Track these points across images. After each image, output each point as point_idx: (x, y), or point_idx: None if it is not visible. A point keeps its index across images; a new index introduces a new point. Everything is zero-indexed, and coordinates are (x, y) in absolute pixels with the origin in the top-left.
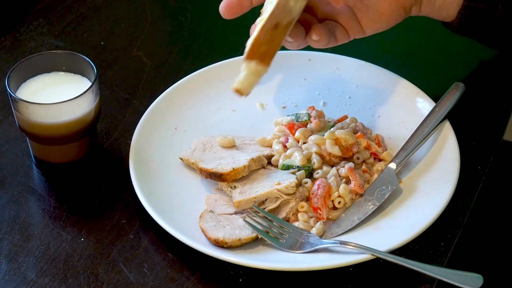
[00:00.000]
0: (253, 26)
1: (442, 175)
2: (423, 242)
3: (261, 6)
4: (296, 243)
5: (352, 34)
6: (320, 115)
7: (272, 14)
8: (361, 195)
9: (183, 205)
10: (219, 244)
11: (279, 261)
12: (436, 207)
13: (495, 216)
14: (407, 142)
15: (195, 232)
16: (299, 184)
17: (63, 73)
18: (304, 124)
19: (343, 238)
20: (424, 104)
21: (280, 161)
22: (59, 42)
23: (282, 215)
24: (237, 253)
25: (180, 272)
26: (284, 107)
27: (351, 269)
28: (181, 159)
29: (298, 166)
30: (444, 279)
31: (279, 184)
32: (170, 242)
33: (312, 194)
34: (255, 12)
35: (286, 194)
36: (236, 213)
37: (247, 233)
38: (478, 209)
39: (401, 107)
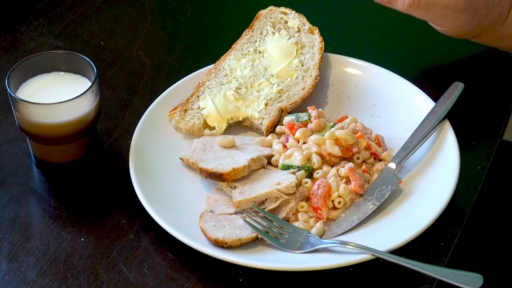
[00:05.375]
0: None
1: (442, 175)
2: (423, 242)
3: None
4: (296, 243)
5: None
6: (320, 115)
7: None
8: (361, 195)
9: (183, 205)
10: (219, 244)
11: (279, 261)
12: (436, 207)
13: (495, 216)
14: (407, 142)
15: (195, 232)
16: (299, 184)
17: (63, 73)
18: (304, 124)
19: (343, 238)
20: (424, 104)
21: (280, 161)
22: (59, 42)
23: (282, 215)
24: (237, 253)
25: (180, 272)
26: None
27: (351, 269)
28: (181, 159)
29: (298, 166)
30: (444, 279)
31: (279, 184)
32: (170, 242)
33: (312, 194)
34: (255, 12)
35: (286, 194)
36: (236, 213)
37: (247, 233)
38: (478, 209)
39: (401, 107)
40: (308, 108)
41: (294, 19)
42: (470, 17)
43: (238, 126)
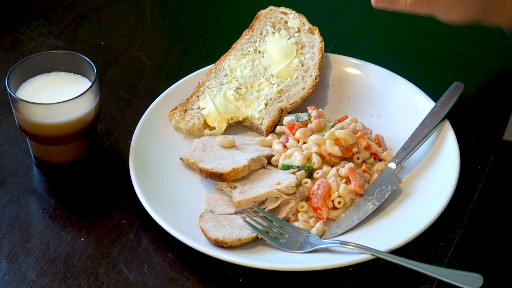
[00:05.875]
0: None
1: (442, 175)
2: (423, 242)
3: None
4: (296, 243)
5: None
6: (320, 115)
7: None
8: (361, 195)
9: (183, 205)
10: (219, 244)
11: (279, 261)
12: (436, 207)
13: (495, 216)
14: (407, 142)
15: (195, 232)
16: (299, 184)
17: (63, 73)
18: (304, 124)
19: (343, 238)
20: (424, 104)
21: (280, 161)
22: (59, 42)
23: (282, 215)
24: (237, 253)
25: (180, 272)
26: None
27: (351, 269)
28: (181, 159)
29: (298, 166)
30: (444, 279)
31: (279, 184)
32: (170, 242)
33: (312, 194)
34: (255, 12)
35: (286, 194)
36: (236, 213)
37: (247, 233)
38: (478, 209)
39: (401, 107)
40: (308, 108)
41: (294, 19)
42: (475, 2)
43: (238, 126)
